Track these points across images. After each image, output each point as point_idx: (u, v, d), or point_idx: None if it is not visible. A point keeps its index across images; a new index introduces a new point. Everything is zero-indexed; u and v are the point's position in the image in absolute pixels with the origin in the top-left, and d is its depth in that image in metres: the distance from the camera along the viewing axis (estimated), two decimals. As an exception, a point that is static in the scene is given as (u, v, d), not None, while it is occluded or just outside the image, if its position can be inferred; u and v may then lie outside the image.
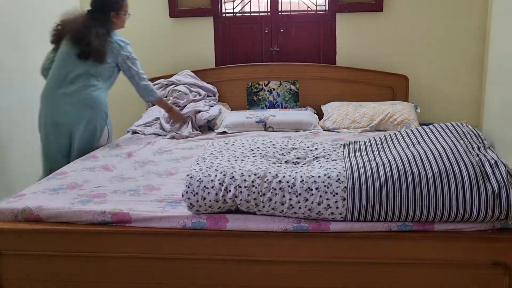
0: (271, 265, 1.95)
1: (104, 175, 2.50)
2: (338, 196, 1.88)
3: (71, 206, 2.05)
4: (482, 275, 1.89)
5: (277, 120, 3.59)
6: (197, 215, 1.96)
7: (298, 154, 2.29)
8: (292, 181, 1.93)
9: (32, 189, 2.30)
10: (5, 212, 2.05)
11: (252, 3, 4.25)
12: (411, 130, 2.36)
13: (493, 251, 1.85)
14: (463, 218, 1.83)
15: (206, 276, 1.98)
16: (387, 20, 4.05)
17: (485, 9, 3.92)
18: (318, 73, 4.02)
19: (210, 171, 2.02)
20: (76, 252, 2.00)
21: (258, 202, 1.91)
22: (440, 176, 1.85)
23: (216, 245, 1.94)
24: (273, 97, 4.08)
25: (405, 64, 4.08)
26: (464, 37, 4.00)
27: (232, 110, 4.04)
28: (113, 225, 1.99)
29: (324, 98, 3.98)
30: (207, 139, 3.35)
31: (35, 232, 1.99)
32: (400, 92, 3.99)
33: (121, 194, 2.21)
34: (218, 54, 4.23)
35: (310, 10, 4.20)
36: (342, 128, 3.56)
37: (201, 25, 4.18)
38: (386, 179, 1.89)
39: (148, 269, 1.99)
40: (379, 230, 1.88)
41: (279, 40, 4.18)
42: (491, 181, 1.82)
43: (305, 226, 1.90)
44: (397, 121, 3.52)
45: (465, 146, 2.00)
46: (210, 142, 2.56)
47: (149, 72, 4.13)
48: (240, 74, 4.08)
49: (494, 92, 3.79)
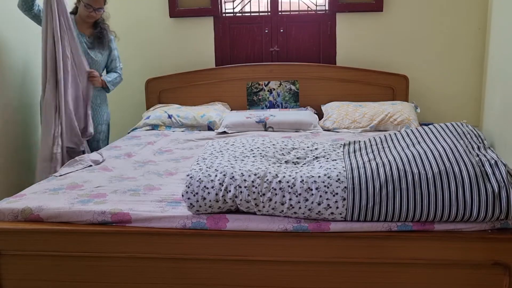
0: (271, 265, 1.95)
1: (104, 175, 2.50)
2: (338, 196, 1.88)
3: (71, 206, 2.05)
4: (482, 275, 1.89)
5: (277, 120, 3.59)
6: (197, 215, 1.96)
7: (298, 154, 2.29)
8: (292, 181, 1.93)
9: (32, 189, 2.30)
10: (5, 212, 2.05)
11: (252, 3, 4.25)
12: (411, 130, 2.36)
13: (493, 251, 1.85)
14: (463, 218, 1.84)
15: (206, 276, 1.98)
16: (387, 20, 4.05)
17: (485, 9, 3.92)
18: (318, 73, 4.02)
19: (210, 171, 2.03)
20: (76, 252, 2.00)
21: (258, 202, 1.91)
22: (440, 176, 1.85)
23: (216, 245, 1.94)
24: (273, 97, 4.08)
25: (405, 64, 4.08)
26: (464, 37, 4.00)
27: (232, 110, 4.04)
28: (113, 225, 1.99)
29: (324, 98, 3.99)
30: (207, 139, 3.35)
31: (35, 232, 1.99)
32: (400, 92, 3.99)
33: (121, 194, 2.21)
34: (218, 54, 4.23)
35: (310, 10, 4.20)
36: (342, 128, 3.56)
37: (201, 25, 4.18)
38: (386, 179, 1.89)
39: (148, 269, 1.99)
40: (379, 230, 1.88)
41: (279, 40, 4.18)
42: (491, 181, 1.82)
43: (305, 226, 1.90)
44: (397, 121, 3.52)
45: (465, 146, 2.00)
46: (210, 142, 2.56)
47: (149, 72, 4.16)
48: (240, 74, 4.08)
49: (494, 92, 3.78)
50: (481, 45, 3.98)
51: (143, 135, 3.48)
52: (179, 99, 4.09)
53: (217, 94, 4.11)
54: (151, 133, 3.57)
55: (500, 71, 3.67)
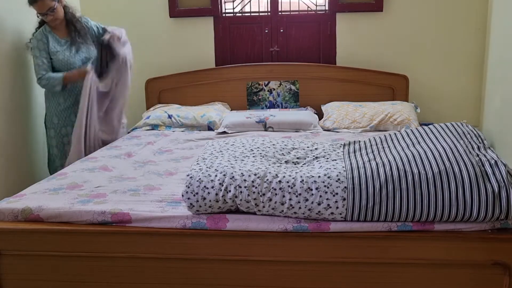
0: (271, 265, 1.95)
1: (104, 175, 2.50)
2: (338, 196, 1.88)
3: (71, 206, 2.05)
4: (482, 275, 1.89)
5: (277, 120, 3.59)
6: (197, 215, 1.96)
7: (298, 154, 2.29)
8: (292, 181, 1.93)
9: (32, 189, 2.30)
10: (5, 212, 2.05)
11: (252, 3, 4.25)
12: (411, 130, 2.36)
13: (493, 251, 1.85)
14: (463, 218, 1.84)
15: (206, 276, 1.98)
16: (387, 20, 4.05)
17: (485, 9, 3.92)
18: (318, 73, 4.02)
19: (210, 171, 2.03)
20: (76, 252, 2.00)
21: (258, 202, 1.91)
22: (440, 176, 1.85)
23: (216, 245, 1.94)
24: (273, 97, 4.08)
25: (405, 64, 4.08)
26: (464, 37, 4.00)
27: (232, 110, 4.04)
28: (113, 225, 1.99)
29: (324, 98, 3.98)
30: (207, 139, 3.35)
31: (35, 232, 1.99)
32: (400, 92, 3.98)
33: (121, 194, 2.21)
34: (218, 54, 4.23)
35: (310, 10, 4.20)
36: (342, 128, 3.56)
37: (201, 25, 4.18)
38: (386, 179, 1.89)
39: (148, 269, 1.99)
40: (379, 230, 1.88)
41: (279, 40, 4.18)
42: (491, 181, 1.82)
43: (305, 226, 1.90)
44: (397, 121, 3.52)
45: (465, 146, 2.00)
46: (210, 142, 2.56)
47: (149, 72, 4.15)
48: (240, 74, 4.08)
49: (494, 92, 3.78)
50: (481, 45, 3.98)
51: (143, 135, 3.48)
52: (179, 99, 4.09)
53: (217, 94, 4.11)
54: (151, 133, 3.57)
55: (500, 71, 3.67)
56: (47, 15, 3.12)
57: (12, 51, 3.25)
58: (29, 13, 3.16)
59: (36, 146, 3.48)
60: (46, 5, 3.08)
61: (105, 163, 2.73)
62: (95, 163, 2.73)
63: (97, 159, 2.82)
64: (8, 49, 3.22)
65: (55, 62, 3.19)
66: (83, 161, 2.80)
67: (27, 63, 3.38)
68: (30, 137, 3.44)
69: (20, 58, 3.33)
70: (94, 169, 2.61)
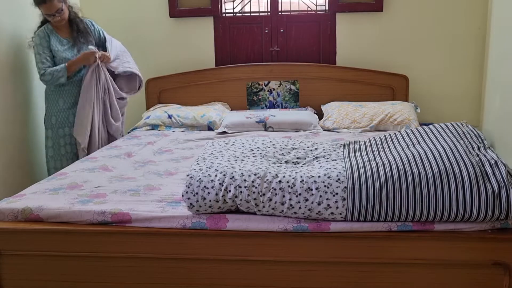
0: (271, 265, 1.95)
1: (104, 175, 2.50)
2: (338, 196, 1.88)
3: (71, 206, 2.05)
4: (482, 275, 1.89)
5: (277, 120, 3.59)
6: (197, 215, 1.96)
7: (298, 154, 2.29)
8: (292, 181, 1.93)
9: (32, 189, 2.30)
10: (5, 212, 2.05)
11: (252, 3, 4.25)
12: (411, 130, 2.36)
13: (493, 251, 1.85)
14: (463, 218, 1.84)
15: (206, 276, 1.98)
16: (387, 20, 4.05)
17: (485, 9, 3.92)
18: (318, 73, 4.02)
19: (210, 171, 2.03)
20: (76, 252, 2.00)
21: (258, 202, 1.91)
22: (440, 176, 1.85)
23: (216, 245, 1.94)
24: (273, 97, 4.08)
25: (405, 64, 4.08)
26: (464, 37, 4.00)
27: (232, 110, 4.04)
28: (113, 225, 1.99)
29: (324, 98, 3.99)
30: (207, 139, 3.35)
31: (35, 232, 1.99)
32: (400, 92, 3.99)
33: (121, 194, 2.21)
34: (218, 54, 4.23)
35: (310, 10, 4.20)
36: (342, 128, 3.56)
37: (201, 25, 4.18)
38: (386, 179, 1.89)
39: (148, 269, 1.99)
40: (379, 230, 1.88)
41: (279, 40, 4.18)
42: (491, 181, 1.82)
43: (305, 226, 1.90)
44: (397, 121, 3.52)
45: (465, 146, 2.00)
46: (210, 142, 2.56)
47: (149, 72, 4.15)
48: (240, 74, 4.08)
49: (494, 92, 3.78)
50: (481, 45, 3.98)
51: (143, 135, 3.48)
52: (179, 99, 4.09)
53: (217, 94, 4.11)
54: (151, 133, 3.57)
55: (500, 71, 3.67)
56: (54, 16, 3.11)
57: (11, 51, 3.25)
58: (28, 13, 3.16)
59: (36, 146, 3.48)
60: (54, 7, 3.07)
61: (105, 163, 2.73)
62: (95, 163, 2.73)
63: (97, 159, 2.82)
64: (7, 49, 3.22)
65: (57, 61, 3.19)
66: (83, 161, 2.80)
67: (27, 64, 3.38)
68: (30, 137, 3.44)
69: (19, 58, 3.33)
70: (94, 169, 2.61)
